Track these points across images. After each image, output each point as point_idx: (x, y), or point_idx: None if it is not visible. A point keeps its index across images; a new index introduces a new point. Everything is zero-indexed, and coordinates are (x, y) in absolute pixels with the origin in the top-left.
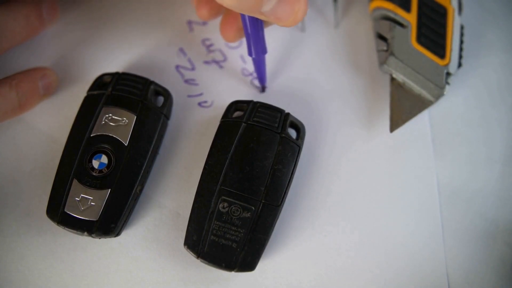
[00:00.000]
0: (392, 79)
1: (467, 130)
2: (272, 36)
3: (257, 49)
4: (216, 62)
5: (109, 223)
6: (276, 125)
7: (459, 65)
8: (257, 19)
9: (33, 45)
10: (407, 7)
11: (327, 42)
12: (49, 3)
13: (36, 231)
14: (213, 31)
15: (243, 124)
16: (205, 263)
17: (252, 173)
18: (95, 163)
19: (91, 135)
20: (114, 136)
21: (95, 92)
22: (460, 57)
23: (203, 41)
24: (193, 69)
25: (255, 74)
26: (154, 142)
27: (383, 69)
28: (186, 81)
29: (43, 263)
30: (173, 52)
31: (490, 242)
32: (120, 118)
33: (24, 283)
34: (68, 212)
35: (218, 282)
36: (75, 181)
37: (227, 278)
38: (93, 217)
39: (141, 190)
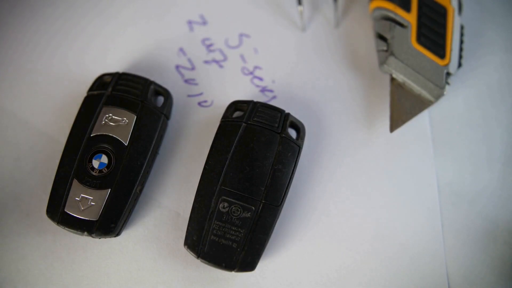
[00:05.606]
0: (392, 79)
1: (467, 130)
2: (272, 36)
3: None
4: (216, 62)
5: (109, 223)
6: (276, 125)
7: (459, 65)
8: None
9: (33, 45)
10: (407, 7)
11: (327, 42)
12: None
13: (36, 231)
14: (213, 31)
15: (243, 124)
16: (205, 263)
17: (252, 173)
18: (95, 163)
19: (91, 135)
20: (114, 136)
21: (95, 92)
22: (460, 57)
23: (203, 41)
24: (193, 69)
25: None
26: (154, 142)
27: (383, 69)
28: (186, 81)
29: (43, 263)
30: (173, 52)
31: (490, 242)
32: (120, 118)
33: (24, 283)
34: (68, 212)
35: (218, 282)
36: (75, 181)
37: (227, 278)
38: (93, 217)
39: (141, 190)
